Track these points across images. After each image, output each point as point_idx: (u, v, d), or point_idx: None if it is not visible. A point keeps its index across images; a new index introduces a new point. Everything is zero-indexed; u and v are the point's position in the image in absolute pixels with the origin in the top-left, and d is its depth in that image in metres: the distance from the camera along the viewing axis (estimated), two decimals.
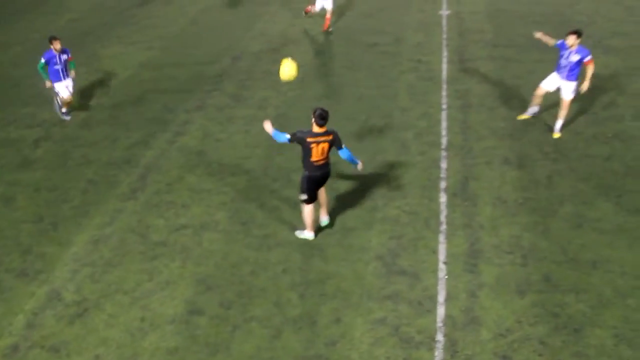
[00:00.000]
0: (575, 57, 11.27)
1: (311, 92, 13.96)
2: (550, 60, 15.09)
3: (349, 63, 15.53)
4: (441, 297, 8.34)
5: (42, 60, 12.56)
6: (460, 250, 9.14)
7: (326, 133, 8.68)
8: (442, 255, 9.04)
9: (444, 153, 11.50)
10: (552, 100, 12.42)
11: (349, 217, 9.87)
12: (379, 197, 10.32)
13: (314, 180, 8.95)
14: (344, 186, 10.59)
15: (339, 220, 9.81)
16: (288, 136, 8.75)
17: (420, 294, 8.40)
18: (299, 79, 14.51)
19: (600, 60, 15.36)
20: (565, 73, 11.50)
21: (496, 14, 18.65)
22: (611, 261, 8.95)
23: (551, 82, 11.85)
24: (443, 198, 10.27)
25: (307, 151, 8.69)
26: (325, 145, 8.71)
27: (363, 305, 8.25)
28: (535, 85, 12.32)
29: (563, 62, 11.47)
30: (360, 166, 9.23)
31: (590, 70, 11.31)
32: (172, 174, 11.19)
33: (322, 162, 8.84)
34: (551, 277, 8.65)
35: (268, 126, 9.04)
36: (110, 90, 14.68)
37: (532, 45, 16.17)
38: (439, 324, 7.95)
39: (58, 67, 12.74)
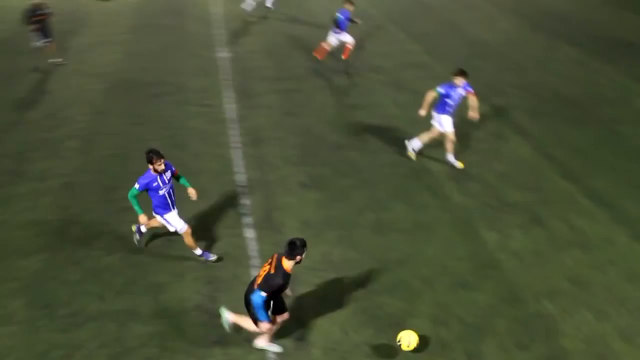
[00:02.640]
0: (462, 92, 12.09)
1: (96, 154, 13.55)
2: (328, 86, 16.51)
3: (133, 118, 15.36)
4: None
5: (136, 187, 9.14)
6: None
7: (277, 267, 7.48)
8: None
9: (244, 190, 11.88)
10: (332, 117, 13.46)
11: (159, 272, 9.70)
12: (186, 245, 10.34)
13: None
14: (151, 242, 10.44)
15: (150, 277, 9.61)
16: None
17: (247, 331, 8.55)
18: (82, 139, 14.11)
19: (372, 76, 17.09)
20: (452, 110, 12.20)
21: (273, 51, 19.78)
22: (415, 255, 9.94)
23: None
24: (251, 233, 10.59)
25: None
26: (264, 272, 7.60)
27: (192, 358, 8.18)
28: (318, 108, 13.34)
29: (452, 102, 12.08)
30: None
31: (475, 101, 12.31)
32: None
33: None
34: (366, 283, 9.34)
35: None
36: None
37: (309, 74, 17.50)
38: (271, 355, 8.16)
39: (163, 191, 9.45)
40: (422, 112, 12.25)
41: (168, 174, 9.40)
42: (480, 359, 8.02)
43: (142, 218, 9.47)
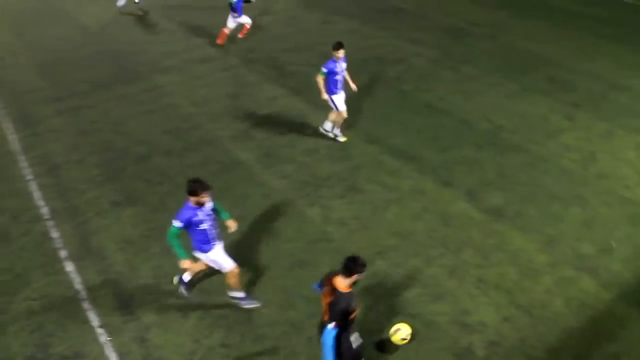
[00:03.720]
0: (344, 64, 12.50)
1: None
2: (118, 97, 15.86)
3: None
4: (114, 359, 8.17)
5: (178, 225, 7.94)
6: (111, 306, 9.01)
7: (334, 294, 6.63)
8: (95, 321, 8.77)
9: (51, 223, 11.03)
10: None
11: None
12: None
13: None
14: None
15: None
16: None
17: None
18: None
19: (161, 78, 16.73)
20: (341, 85, 12.62)
21: (46, 69, 18.40)
22: (246, 247, 10.04)
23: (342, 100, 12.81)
24: (70, 267, 9.90)
25: None
26: (326, 303, 6.80)
27: None
28: (113, 121, 12.81)
29: (339, 77, 12.45)
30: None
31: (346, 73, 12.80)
32: None
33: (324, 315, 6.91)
34: (204, 286, 9.24)
35: None
36: None
37: (95, 87, 16.62)
38: None
39: (206, 225, 8.19)
40: (324, 96, 12.52)
41: (209, 205, 8.28)
42: None
43: (185, 263, 8.14)
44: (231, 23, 18.89)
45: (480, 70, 16.42)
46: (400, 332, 7.89)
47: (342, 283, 6.55)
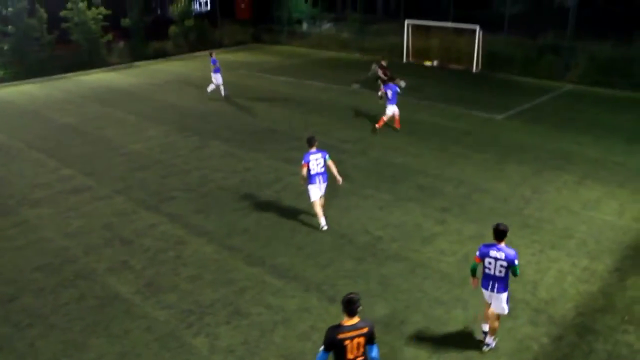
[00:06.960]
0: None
1: None
2: None
3: None
4: None
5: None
6: None
7: (359, 325, 7.45)
8: None
9: None
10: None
11: None
12: None
13: None
14: None
15: None
16: (322, 348, 7.49)
17: None
18: None
19: (31, 211, 15.91)
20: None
21: None
22: None
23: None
24: None
25: (340, 350, 7.41)
26: (361, 340, 7.46)
27: None
28: None
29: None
30: None
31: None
32: None
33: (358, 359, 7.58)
34: None
35: None
36: None
37: None
38: None
39: None
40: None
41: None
42: None
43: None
44: (389, 111, 21.48)
45: (354, 185, 17.06)
46: None
47: (353, 320, 7.45)
